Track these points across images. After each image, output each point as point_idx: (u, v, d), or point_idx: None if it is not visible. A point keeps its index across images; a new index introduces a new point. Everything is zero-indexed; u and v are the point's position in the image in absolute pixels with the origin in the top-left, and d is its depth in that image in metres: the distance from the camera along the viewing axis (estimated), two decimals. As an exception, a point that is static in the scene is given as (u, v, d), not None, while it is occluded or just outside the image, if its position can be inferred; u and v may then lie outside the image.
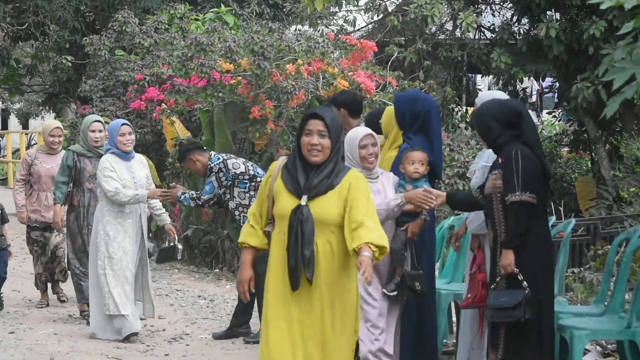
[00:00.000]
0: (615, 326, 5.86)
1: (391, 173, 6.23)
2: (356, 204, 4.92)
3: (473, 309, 6.67)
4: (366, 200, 4.96)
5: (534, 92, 22.98)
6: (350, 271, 5.02)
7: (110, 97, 12.86)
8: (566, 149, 18.61)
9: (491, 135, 5.85)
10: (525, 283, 5.65)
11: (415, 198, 5.97)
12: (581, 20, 13.81)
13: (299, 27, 16.32)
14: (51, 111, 25.93)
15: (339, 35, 12.54)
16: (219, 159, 8.25)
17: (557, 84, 17.04)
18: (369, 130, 6.12)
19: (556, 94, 18.27)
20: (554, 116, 18.81)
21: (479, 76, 19.91)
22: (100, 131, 8.93)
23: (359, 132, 6.13)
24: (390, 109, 6.72)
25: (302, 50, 11.20)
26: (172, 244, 8.93)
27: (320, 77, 11.14)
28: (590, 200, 15.43)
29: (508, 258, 5.68)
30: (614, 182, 14.55)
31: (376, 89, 11.52)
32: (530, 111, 22.42)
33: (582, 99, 13.48)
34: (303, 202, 4.91)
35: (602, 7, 3.96)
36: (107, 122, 9.53)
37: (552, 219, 7.42)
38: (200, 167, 8.32)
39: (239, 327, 8.50)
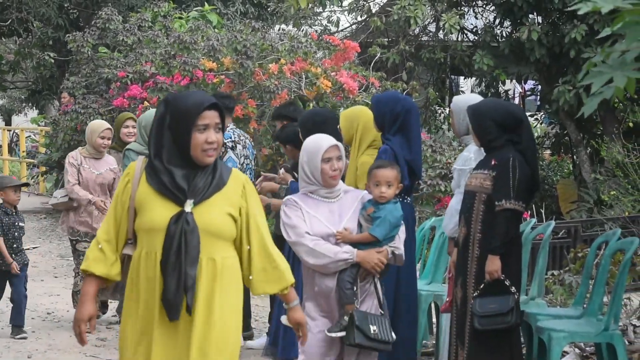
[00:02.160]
0: (593, 329, 5.89)
1: (363, 192, 5.27)
2: (259, 227, 4.01)
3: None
4: (262, 217, 4.07)
5: (517, 95, 23.09)
6: (233, 301, 3.97)
7: (93, 94, 12.82)
8: (548, 151, 18.69)
9: (486, 136, 5.83)
10: (513, 288, 5.68)
11: (368, 259, 5.06)
12: (563, 24, 13.88)
13: (283, 26, 16.33)
14: (34, 108, 25.82)
15: (322, 36, 12.54)
16: (230, 136, 7.93)
17: (540, 87, 17.11)
18: (334, 141, 5.12)
19: (538, 97, 18.35)
20: (536, 119, 18.88)
21: (461, 78, 19.96)
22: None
23: (322, 142, 5.09)
24: (347, 113, 6.68)
25: (285, 49, 11.21)
26: None
27: (303, 76, 11.15)
28: (572, 203, 15.50)
29: (495, 264, 5.69)
30: (595, 185, 14.62)
31: (359, 90, 11.53)
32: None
33: (564, 102, 13.56)
34: (187, 208, 3.85)
35: (580, 12, 3.98)
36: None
37: (533, 221, 7.46)
38: None
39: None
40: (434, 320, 8.08)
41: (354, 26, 17.50)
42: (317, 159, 5.05)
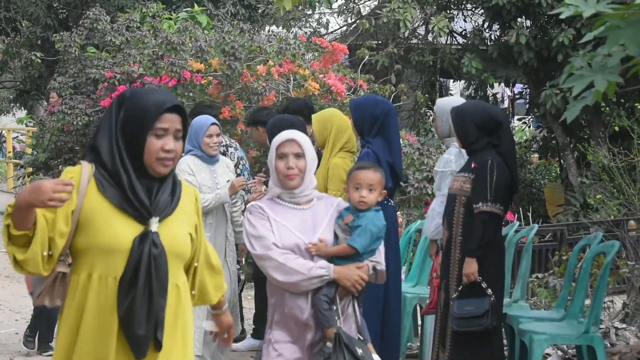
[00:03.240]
0: (574, 331, 5.93)
1: (338, 199, 4.55)
2: (203, 239, 3.61)
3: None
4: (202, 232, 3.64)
5: (506, 99, 23.16)
6: (191, 329, 3.51)
7: (80, 95, 12.80)
8: (536, 155, 18.75)
9: (467, 138, 5.89)
10: (489, 291, 5.71)
11: (347, 276, 4.33)
12: (551, 28, 13.94)
13: (273, 28, 16.35)
14: (22, 108, 25.78)
15: (311, 38, 12.56)
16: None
17: (528, 90, 17.18)
18: (292, 135, 4.42)
19: (527, 101, 18.42)
20: (524, 122, 18.95)
21: (451, 81, 20.02)
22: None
23: (280, 135, 4.45)
24: (319, 116, 6.68)
25: (273, 51, 11.21)
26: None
27: (291, 78, 11.16)
28: (558, 207, 15.57)
29: (472, 266, 5.74)
30: (581, 189, 14.68)
31: (347, 92, 11.54)
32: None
33: (551, 106, 13.63)
34: (153, 227, 3.28)
35: (562, 16, 4.01)
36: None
37: (516, 224, 7.50)
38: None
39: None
40: (420, 322, 8.12)
41: (343, 28, 17.52)
42: (272, 154, 4.36)
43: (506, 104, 23.91)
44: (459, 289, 5.83)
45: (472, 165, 5.83)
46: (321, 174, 6.40)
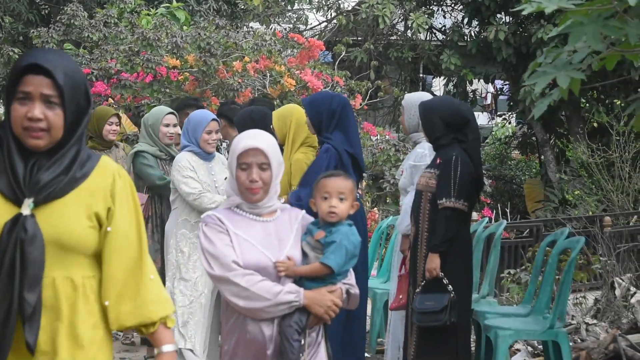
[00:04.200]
0: (539, 326, 5.93)
1: (302, 211, 3.97)
2: (128, 236, 2.92)
3: (401, 310, 6.71)
4: (136, 223, 2.96)
5: (489, 95, 23.20)
6: (102, 334, 2.91)
7: (57, 91, 12.75)
8: (517, 151, 18.80)
9: (434, 133, 5.89)
10: (450, 287, 5.72)
11: (319, 302, 3.78)
12: (530, 24, 13.96)
13: (252, 24, 16.33)
14: (3, 105, 25.65)
15: (288, 34, 12.55)
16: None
17: (509, 87, 17.22)
18: (258, 142, 3.78)
19: (508, 97, 18.48)
20: (504, 119, 18.99)
21: (432, 77, 20.05)
22: (175, 125, 7.24)
23: (240, 142, 3.81)
24: (279, 112, 6.66)
25: (249, 47, 11.20)
26: None
27: (267, 75, 11.15)
28: (537, 203, 15.62)
29: (434, 262, 5.75)
30: (560, 185, 14.73)
31: (324, 88, 11.54)
32: (484, 113, 22.74)
33: (530, 102, 13.65)
34: (25, 210, 2.78)
35: (524, 12, 4.01)
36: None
37: (485, 220, 7.51)
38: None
39: None
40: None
41: (323, 24, 17.52)
42: (233, 163, 3.78)
43: (489, 100, 23.97)
44: (422, 283, 5.84)
45: (438, 161, 5.83)
46: (284, 170, 6.37)
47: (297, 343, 3.71)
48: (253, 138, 3.78)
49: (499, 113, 21.54)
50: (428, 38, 16.17)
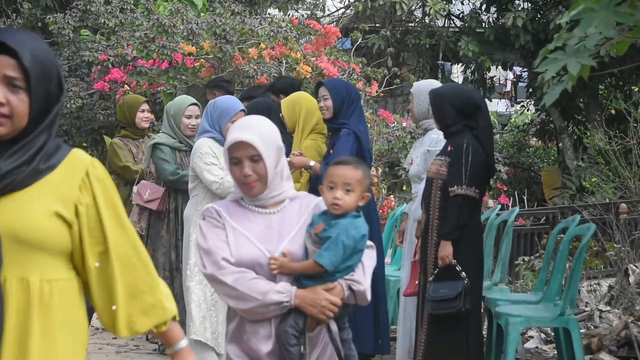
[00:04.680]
0: (550, 313, 5.92)
1: (318, 199, 3.63)
2: (115, 230, 2.64)
3: (413, 296, 6.73)
4: (121, 217, 2.69)
5: (509, 82, 23.09)
6: (66, 344, 2.57)
7: (74, 78, 12.80)
8: (535, 138, 18.75)
9: (445, 120, 5.88)
10: (463, 274, 5.72)
11: (312, 302, 3.45)
12: (547, 10, 13.89)
13: (270, 10, 16.32)
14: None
15: (304, 21, 12.53)
16: None
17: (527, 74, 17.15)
18: (245, 136, 3.47)
19: (526, 84, 18.41)
20: (522, 106, 18.92)
21: (450, 64, 20.00)
22: (197, 117, 7.05)
23: (230, 134, 3.53)
24: (288, 100, 6.67)
25: (265, 34, 11.20)
26: None
27: (283, 61, 11.14)
28: (555, 190, 15.58)
29: (446, 249, 5.74)
30: (577, 172, 14.67)
31: (340, 75, 11.53)
32: (503, 100, 22.64)
33: (547, 89, 13.57)
34: None
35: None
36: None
37: (497, 208, 7.50)
38: None
39: None
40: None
41: (340, 11, 17.49)
42: (225, 156, 3.53)
43: (508, 87, 23.86)
44: (435, 272, 5.84)
45: (449, 149, 5.82)
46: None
47: (295, 348, 3.42)
48: (241, 130, 3.49)
49: (518, 100, 21.45)
50: (446, 25, 16.11)
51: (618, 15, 4.09)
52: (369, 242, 3.58)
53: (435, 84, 6.52)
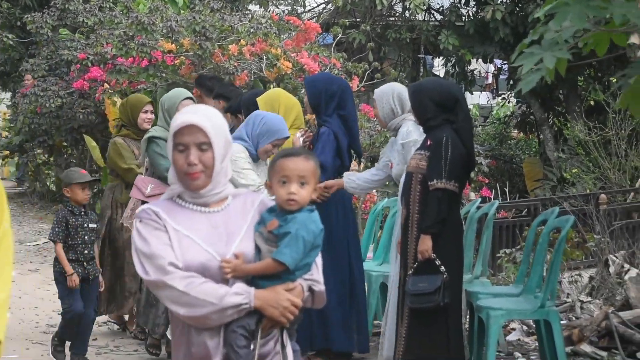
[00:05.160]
0: (530, 306, 5.95)
1: (261, 195, 3.36)
2: None
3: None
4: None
5: (490, 75, 23.16)
6: None
7: (53, 77, 12.77)
8: (516, 130, 18.82)
9: (425, 114, 5.90)
10: (442, 268, 5.74)
11: (273, 303, 3.15)
12: (526, 3, 13.95)
13: (250, 7, 16.30)
14: (6, 90, 25.66)
15: (284, 17, 12.54)
16: None
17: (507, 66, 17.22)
18: (194, 119, 3.14)
19: (507, 76, 18.48)
20: (503, 98, 18.99)
21: (431, 58, 20.04)
22: None
23: (178, 118, 3.19)
24: (265, 97, 6.65)
25: (245, 30, 11.20)
26: None
27: (264, 58, 11.15)
28: (537, 181, 15.64)
29: (426, 243, 5.77)
30: (558, 164, 14.75)
31: (320, 71, 11.54)
32: (484, 93, 22.70)
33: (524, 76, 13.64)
34: None
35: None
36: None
37: (478, 201, 7.54)
38: None
39: None
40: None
41: (321, 7, 17.49)
42: (169, 144, 3.20)
43: (490, 80, 23.93)
44: (414, 265, 5.86)
45: (428, 143, 5.85)
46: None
47: (244, 351, 3.10)
48: (192, 114, 3.18)
49: (499, 92, 21.53)
50: (426, 19, 16.15)
51: (592, 9, 4.12)
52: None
53: (397, 86, 6.55)
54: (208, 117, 3.17)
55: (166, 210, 3.19)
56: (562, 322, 7.19)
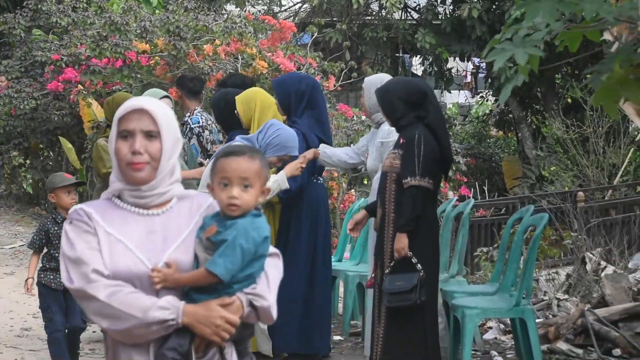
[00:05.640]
0: (505, 304, 5.91)
1: (210, 199, 2.97)
2: None
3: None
4: None
5: (469, 73, 23.18)
6: None
7: (27, 78, 12.66)
8: (495, 129, 18.84)
9: (395, 114, 5.85)
10: (419, 266, 5.69)
11: (203, 320, 2.82)
12: (502, 1, 13.95)
13: (227, 7, 16.23)
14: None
15: (259, 16, 12.48)
16: (198, 120, 7.46)
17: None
18: (144, 104, 2.88)
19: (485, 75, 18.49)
20: (482, 96, 19.01)
21: (408, 56, 20.04)
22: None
23: (125, 104, 2.92)
24: (242, 97, 6.59)
25: (219, 30, 11.13)
26: None
27: (240, 58, 11.08)
28: (516, 180, 15.66)
29: (402, 241, 5.71)
30: (537, 162, 14.76)
31: (296, 70, 11.48)
32: (461, 92, 22.71)
33: (505, 79, 13.64)
34: None
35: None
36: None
37: (454, 199, 7.50)
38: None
39: None
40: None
41: (297, 6, 17.45)
42: (112, 134, 2.89)
43: (469, 78, 23.96)
44: (391, 264, 5.81)
45: (401, 141, 5.80)
46: None
47: None
48: (140, 99, 2.91)
49: (478, 91, 21.55)
50: (403, 17, 16.13)
51: (563, 5, 4.08)
52: (274, 250, 2.99)
53: (386, 77, 6.49)
54: (158, 105, 2.89)
55: (100, 211, 2.89)
56: (538, 320, 7.16)
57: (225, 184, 2.90)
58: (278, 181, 5.81)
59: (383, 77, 6.52)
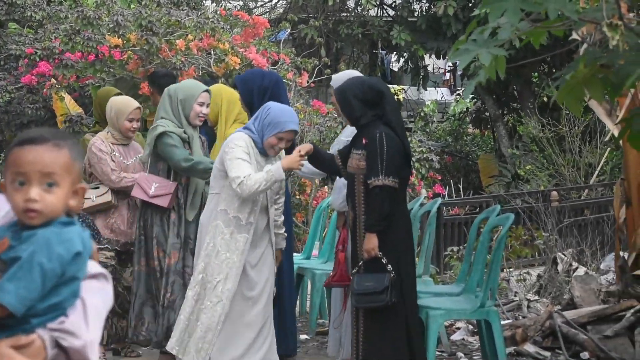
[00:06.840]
0: (470, 305, 5.87)
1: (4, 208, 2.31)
2: None
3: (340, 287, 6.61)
4: None
5: (447, 70, 23.16)
6: None
7: (2, 72, 12.52)
8: (472, 127, 18.84)
9: (354, 114, 5.79)
10: (389, 266, 5.62)
11: None
12: (479, -1, 13.93)
13: (205, 3, 16.13)
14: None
15: (232, 12, 12.40)
16: None
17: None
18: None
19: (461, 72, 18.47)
20: (458, 94, 18.99)
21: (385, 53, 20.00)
22: (208, 105, 6.31)
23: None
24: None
25: (192, 25, 11.04)
26: None
27: (212, 53, 10.99)
28: (492, 178, 15.64)
29: (371, 242, 5.64)
30: (512, 160, 14.74)
31: (270, 66, 11.41)
32: (438, 90, 22.67)
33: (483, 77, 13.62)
34: None
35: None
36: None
37: (421, 198, 7.44)
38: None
39: None
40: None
41: (273, 2, 17.36)
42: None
43: (448, 76, 23.93)
44: (359, 264, 5.74)
45: (363, 142, 5.74)
46: (219, 147, 6.24)
47: None
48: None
49: (457, 88, 21.53)
50: (379, 14, 16.07)
51: (527, 5, 4.03)
52: (98, 270, 2.29)
53: (354, 73, 6.43)
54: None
55: None
56: (507, 321, 7.13)
57: (22, 182, 2.19)
58: (272, 171, 5.41)
59: (351, 74, 6.47)
